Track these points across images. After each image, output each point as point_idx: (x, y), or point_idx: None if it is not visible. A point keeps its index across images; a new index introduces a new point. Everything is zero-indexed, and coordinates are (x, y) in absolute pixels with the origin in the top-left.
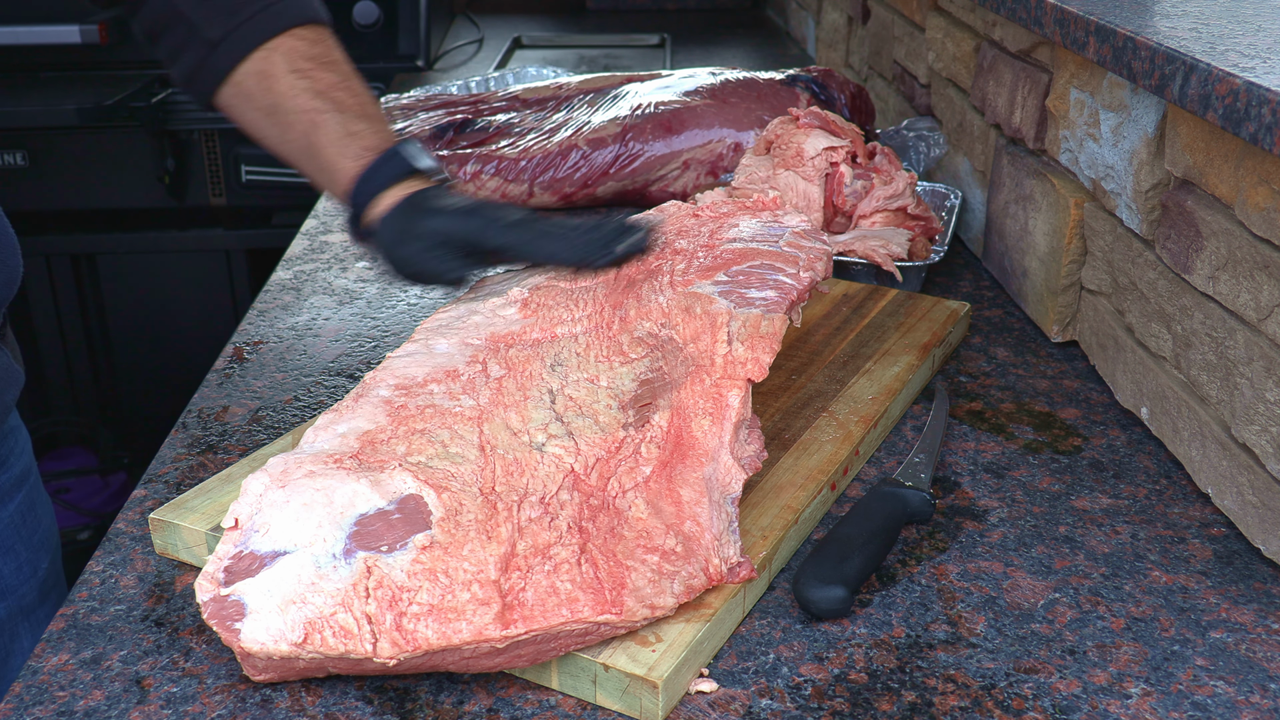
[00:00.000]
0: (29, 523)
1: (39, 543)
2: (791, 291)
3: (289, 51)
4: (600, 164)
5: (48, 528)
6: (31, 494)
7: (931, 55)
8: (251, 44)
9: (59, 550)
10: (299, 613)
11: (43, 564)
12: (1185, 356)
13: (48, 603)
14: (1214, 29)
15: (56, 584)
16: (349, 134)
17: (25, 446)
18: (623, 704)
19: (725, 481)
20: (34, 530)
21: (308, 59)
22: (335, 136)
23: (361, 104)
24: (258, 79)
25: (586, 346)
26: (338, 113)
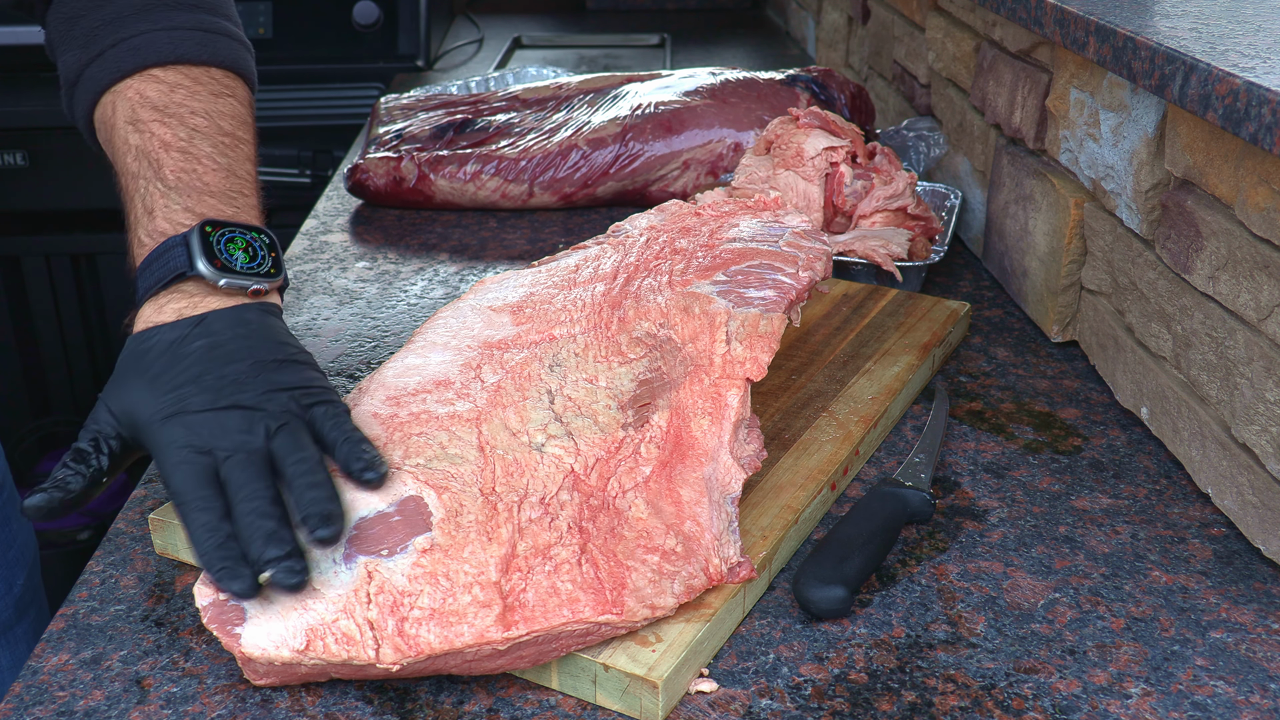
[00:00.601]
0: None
1: (14, 559)
2: (790, 291)
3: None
4: (600, 164)
5: (24, 543)
6: (6, 508)
7: (931, 55)
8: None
9: (37, 565)
10: (300, 619)
11: (18, 580)
12: (1185, 356)
13: (25, 620)
14: (1214, 29)
15: (34, 600)
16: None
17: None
18: (623, 704)
19: (725, 481)
20: (8, 546)
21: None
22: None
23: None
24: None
25: (585, 347)
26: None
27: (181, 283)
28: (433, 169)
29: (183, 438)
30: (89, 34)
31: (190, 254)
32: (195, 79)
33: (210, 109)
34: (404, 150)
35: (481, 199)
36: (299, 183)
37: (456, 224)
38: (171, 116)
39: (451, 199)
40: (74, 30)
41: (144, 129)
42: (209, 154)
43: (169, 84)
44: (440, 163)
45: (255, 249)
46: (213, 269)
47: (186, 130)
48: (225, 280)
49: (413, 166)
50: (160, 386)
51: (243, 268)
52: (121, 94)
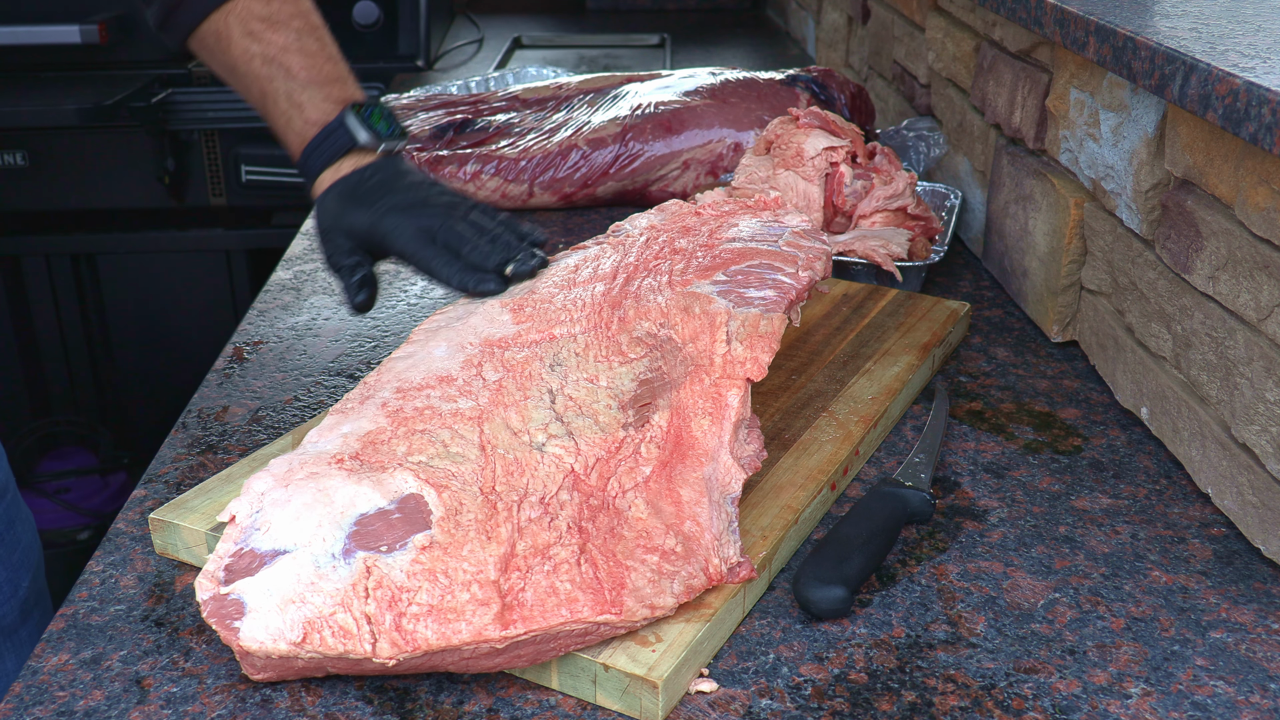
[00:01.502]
0: (7, 540)
1: (19, 561)
2: (790, 291)
3: (243, 12)
4: (600, 164)
5: (28, 544)
6: (10, 512)
7: (931, 55)
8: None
9: (41, 566)
10: (298, 612)
11: (23, 582)
12: (1185, 356)
13: (30, 621)
14: (1214, 29)
15: (39, 602)
16: (294, 105)
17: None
18: (623, 704)
19: (725, 481)
20: (13, 548)
21: (261, 19)
22: (282, 108)
23: (312, 66)
24: (215, 39)
25: (585, 346)
26: (285, 80)
27: (349, 154)
28: (433, 169)
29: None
30: None
31: (352, 131)
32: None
33: (298, 10)
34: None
35: (481, 199)
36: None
37: None
38: (278, 24)
39: None
40: None
41: (261, 38)
42: (316, 49)
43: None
44: (440, 163)
45: (388, 116)
46: (372, 138)
47: (294, 33)
48: (383, 145)
49: None
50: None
51: (386, 133)
52: (230, 12)
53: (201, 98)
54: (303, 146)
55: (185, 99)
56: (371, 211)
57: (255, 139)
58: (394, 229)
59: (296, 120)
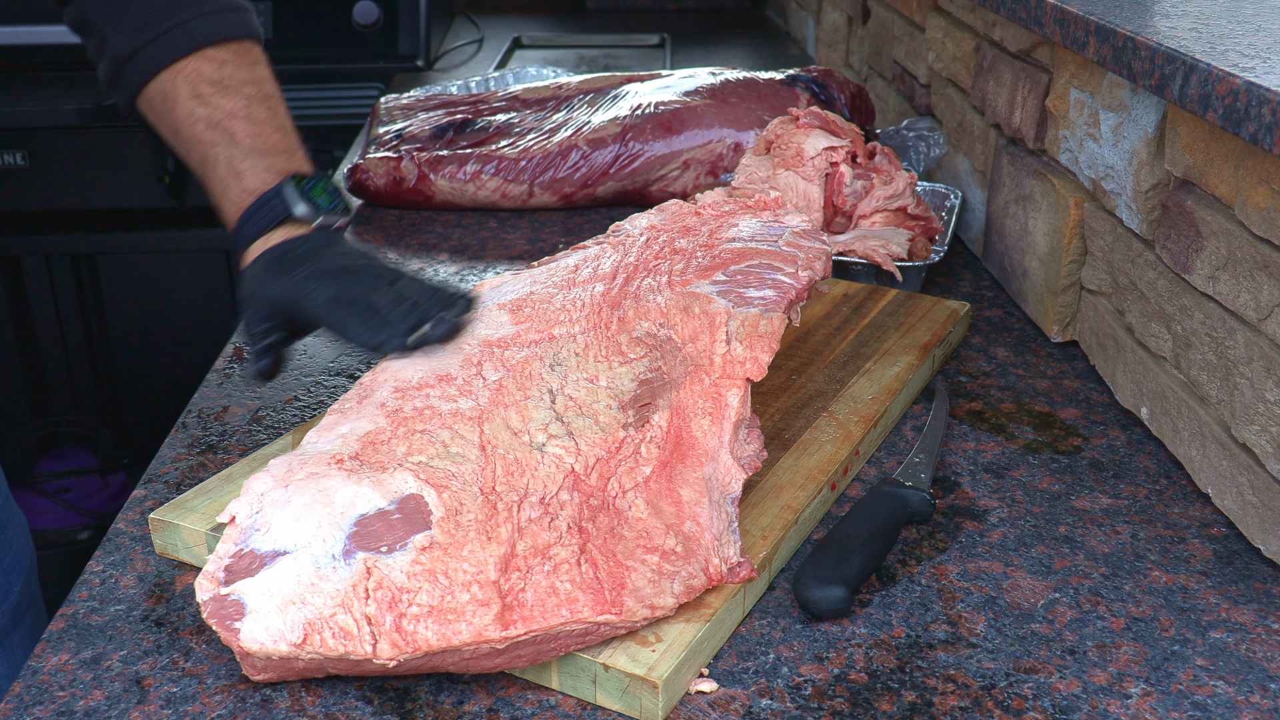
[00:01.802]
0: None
1: (9, 565)
2: (790, 291)
3: (193, 75)
4: (600, 164)
5: (19, 549)
6: (1, 515)
7: (931, 55)
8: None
9: (34, 571)
10: (298, 613)
11: (14, 587)
12: (1185, 356)
13: (21, 626)
14: (1214, 29)
15: (31, 606)
16: (233, 173)
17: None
18: (623, 704)
19: (725, 481)
20: (3, 553)
21: (211, 83)
22: (220, 175)
23: (257, 135)
24: (162, 100)
25: (585, 346)
26: (227, 146)
27: (282, 225)
28: (433, 169)
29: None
30: (140, 20)
31: (287, 203)
32: (236, 53)
33: (252, 77)
34: (404, 150)
35: (481, 199)
36: None
37: (456, 224)
38: (228, 89)
39: (451, 199)
40: (122, 15)
41: (208, 102)
42: (265, 118)
43: (218, 61)
44: (440, 163)
45: (331, 191)
46: (309, 210)
47: (243, 99)
48: (320, 219)
49: (413, 166)
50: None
51: (325, 208)
52: (180, 73)
53: None
54: (238, 216)
55: None
56: (290, 278)
57: None
58: (309, 294)
59: (234, 188)
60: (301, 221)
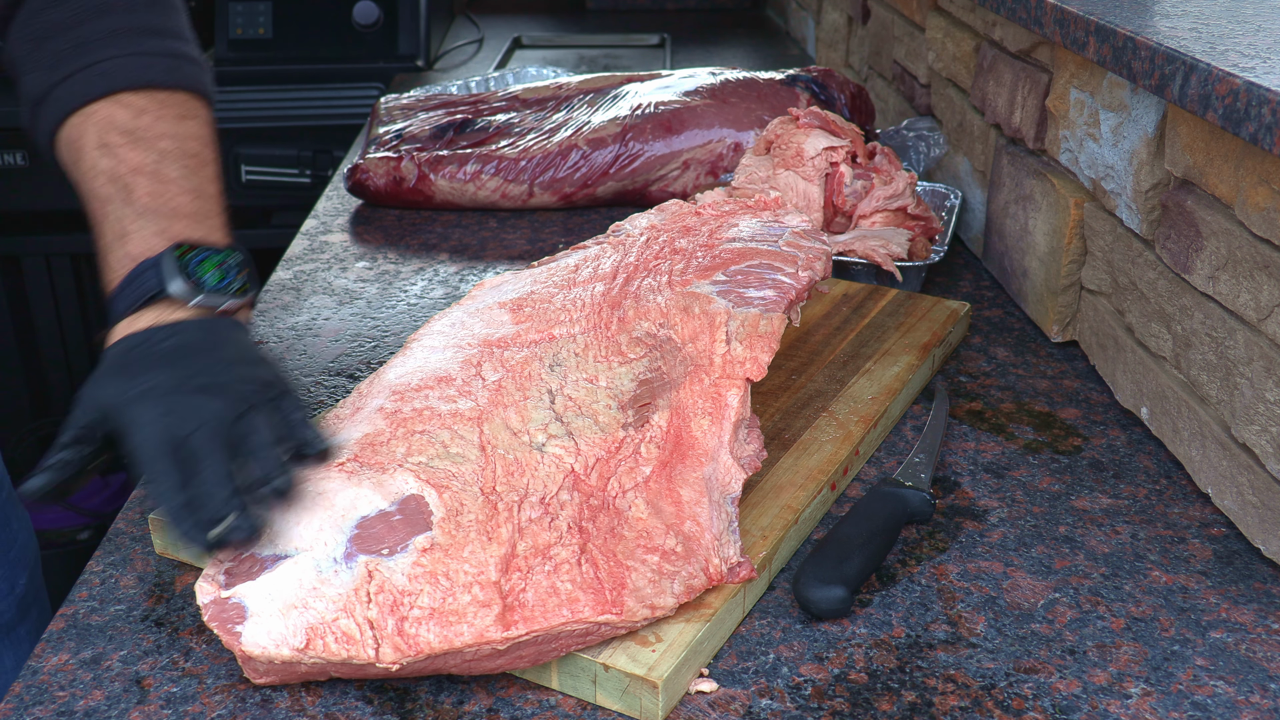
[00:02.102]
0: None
1: (15, 559)
2: (790, 291)
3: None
4: (600, 164)
5: (24, 543)
6: (5, 509)
7: (931, 55)
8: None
9: (39, 565)
10: (300, 618)
11: (20, 580)
12: (1185, 356)
13: (27, 620)
14: (1214, 29)
15: (36, 599)
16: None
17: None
18: (623, 704)
19: (725, 481)
20: (8, 547)
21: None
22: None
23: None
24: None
25: (585, 347)
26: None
27: (155, 303)
28: (433, 169)
29: (151, 413)
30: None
31: (163, 275)
32: (161, 103)
33: (176, 132)
34: (404, 150)
35: (481, 199)
36: (299, 183)
37: (456, 224)
38: (140, 140)
39: (451, 199)
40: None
41: (114, 153)
42: (178, 177)
43: (137, 108)
44: (440, 163)
45: (226, 268)
46: (185, 288)
47: (156, 154)
48: (197, 299)
49: (413, 166)
50: (133, 374)
51: (212, 287)
52: (90, 117)
53: None
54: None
55: None
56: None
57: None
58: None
59: (116, 252)
60: (176, 302)
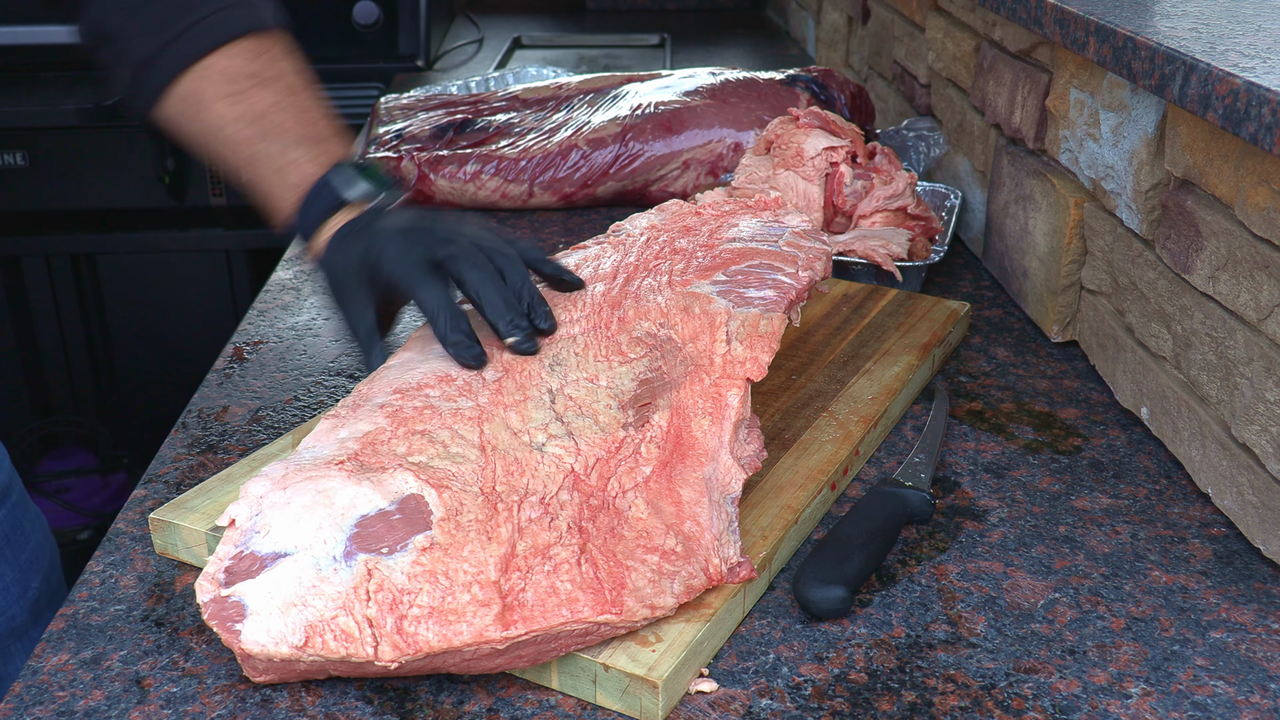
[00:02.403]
0: (15, 541)
1: (27, 562)
2: (790, 291)
3: (223, 72)
4: (600, 164)
5: (38, 545)
6: (16, 512)
7: (931, 55)
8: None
9: (56, 567)
10: (300, 615)
11: (33, 583)
12: (1185, 356)
13: (41, 622)
14: (1214, 29)
15: (51, 603)
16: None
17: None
18: (623, 704)
19: (725, 481)
20: (21, 549)
21: (245, 77)
22: (268, 171)
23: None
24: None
25: (585, 346)
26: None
27: (341, 210)
28: (433, 169)
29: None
30: (160, 18)
31: (338, 188)
32: (266, 45)
33: (288, 68)
34: (404, 150)
35: (481, 199)
36: None
37: None
38: (264, 82)
39: (451, 199)
40: (138, 16)
41: (245, 98)
42: (305, 107)
43: (250, 53)
44: (440, 163)
45: (380, 176)
46: (361, 193)
47: (282, 90)
48: (373, 201)
49: (413, 166)
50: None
51: (378, 189)
52: (208, 70)
53: None
54: (294, 206)
55: None
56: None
57: None
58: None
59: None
60: (357, 204)
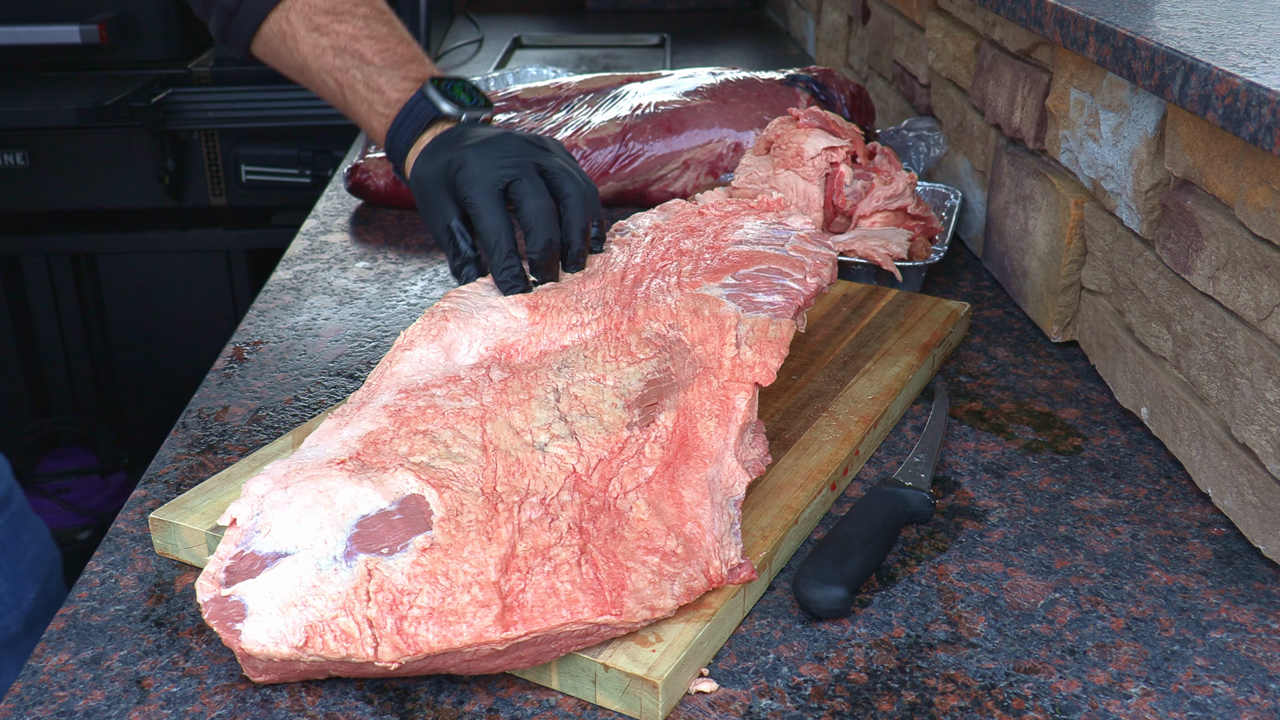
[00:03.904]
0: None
1: (24, 572)
2: (799, 297)
3: (304, 7)
4: (600, 164)
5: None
6: (15, 522)
7: (931, 55)
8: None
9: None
10: (300, 615)
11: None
12: (1185, 356)
13: (35, 633)
14: (1214, 29)
15: (47, 615)
16: (373, 90)
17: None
18: (623, 704)
19: (728, 484)
20: (18, 559)
21: (325, 12)
22: (362, 95)
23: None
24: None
25: (595, 348)
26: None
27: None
28: None
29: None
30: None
31: (434, 103)
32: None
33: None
34: None
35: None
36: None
37: None
38: (343, 14)
39: None
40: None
41: (328, 30)
42: (385, 34)
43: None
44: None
45: (470, 90)
46: (455, 108)
47: (361, 20)
48: (466, 114)
49: None
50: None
51: (470, 104)
52: (290, 10)
53: (201, 98)
54: (387, 128)
55: (185, 99)
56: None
57: (255, 139)
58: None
59: (378, 104)
60: (449, 119)
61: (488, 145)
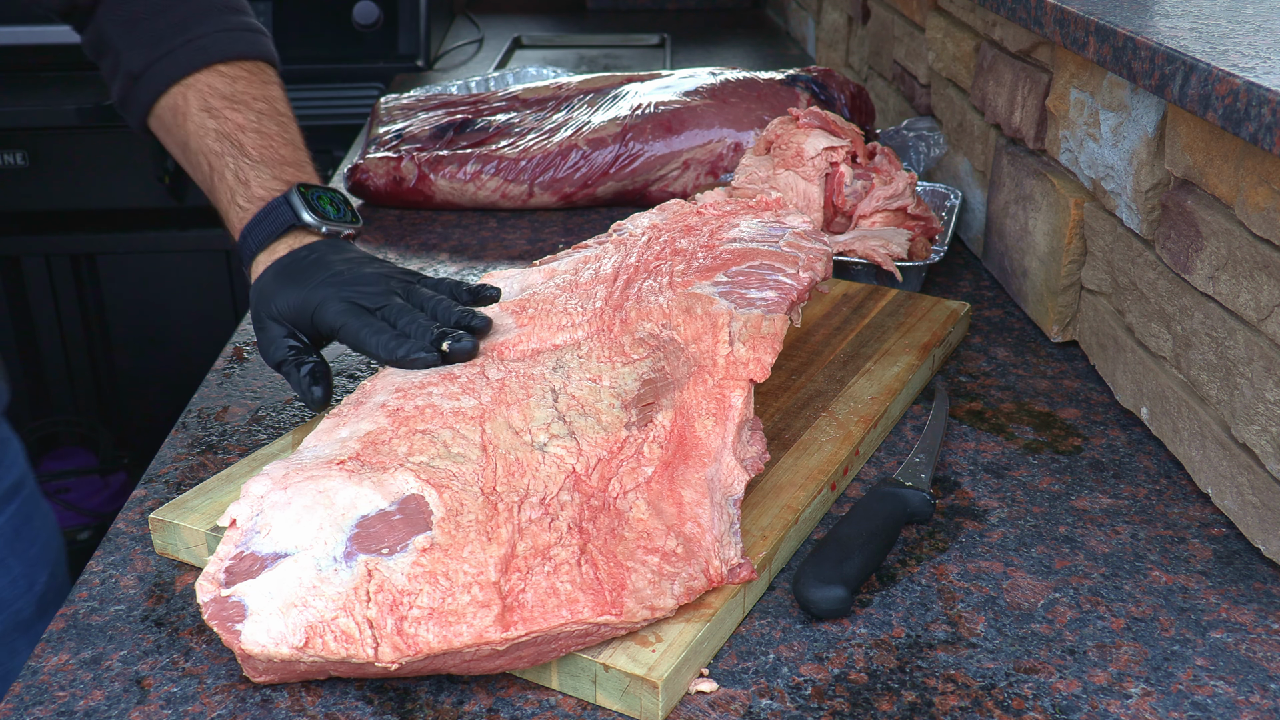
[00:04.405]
0: (24, 536)
1: (35, 556)
2: (791, 292)
3: (204, 89)
4: (600, 164)
5: (46, 541)
6: (26, 507)
7: (931, 55)
8: (168, 80)
9: (63, 563)
10: (300, 616)
11: (40, 578)
12: (1185, 356)
13: (47, 617)
14: (1214, 29)
15: (57, 599)
16: (240, 181)
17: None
18: (623, 704)
19: (727, 483)
20: (30, 544)
21: (222, 97)
22: (227, 184)
23: (266, 147)
24: (173, 115)
25: (589, 350)
26: (236, 157)
27: (289, 233)
28: (433, 169)
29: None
30: (155, 35)
31: (295, 209)
32: (249, 71)
33: (264, 95)
34: (404, 150)
35: (481, 199)
36: None
37: (456, 224)
38: (240, 104)
39: (451, 199)
40: (136, 31)
41: (219, 115)
42: (275, 132)
43: (231, 77)
44: (440, 163)
45: (337, 202)
46: (315, 218)
47: (254, 114)
48: (326, 226)
49: (413, 166)
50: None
51: (333, 216)
52: (192, 86)
53: None
54: (245, 222)
55: None
56: (301, 289)
57: None
58: (323, 301)
59: (240, 197)
60: (309, 230)
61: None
